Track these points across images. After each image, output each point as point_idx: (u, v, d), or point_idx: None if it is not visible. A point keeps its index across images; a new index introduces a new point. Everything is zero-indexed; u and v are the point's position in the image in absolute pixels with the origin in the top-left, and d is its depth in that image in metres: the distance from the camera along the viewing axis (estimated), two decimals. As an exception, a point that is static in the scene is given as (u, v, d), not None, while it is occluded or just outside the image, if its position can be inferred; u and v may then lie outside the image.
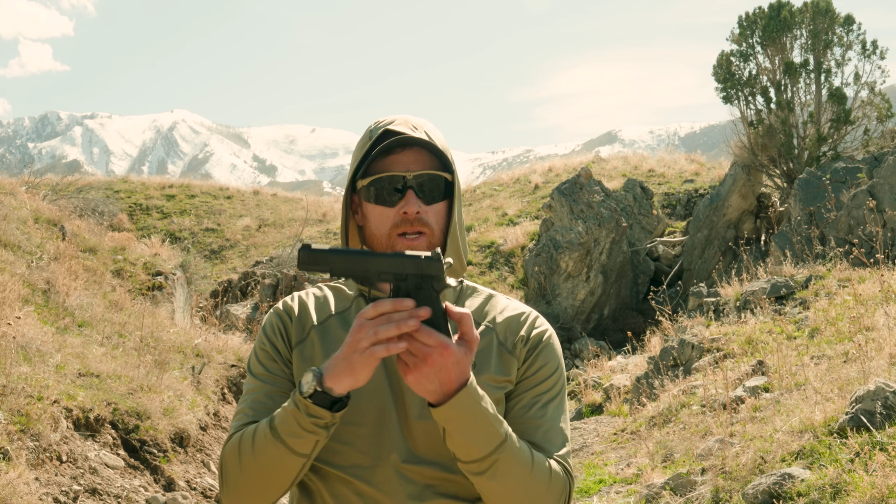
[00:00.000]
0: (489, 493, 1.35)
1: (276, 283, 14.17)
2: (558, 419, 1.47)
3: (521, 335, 1.51)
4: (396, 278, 1.26)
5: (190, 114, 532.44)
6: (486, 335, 1.50)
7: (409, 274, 1.26)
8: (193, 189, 22.12)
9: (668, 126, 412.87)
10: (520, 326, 1.52)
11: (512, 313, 1.54)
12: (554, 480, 1.37)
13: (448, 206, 1.50)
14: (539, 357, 1.50)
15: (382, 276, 1.27)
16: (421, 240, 1.46)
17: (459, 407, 1.27)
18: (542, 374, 1.49)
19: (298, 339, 1.52)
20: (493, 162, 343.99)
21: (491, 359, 1.49)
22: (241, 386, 7.84)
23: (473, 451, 1.31)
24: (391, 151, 1.48)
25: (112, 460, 4.93)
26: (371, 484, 1.41)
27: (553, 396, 1.48)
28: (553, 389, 1.49)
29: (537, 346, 1.51)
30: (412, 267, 1.25)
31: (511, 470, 1.33)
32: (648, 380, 7.63)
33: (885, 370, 4.61)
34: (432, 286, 1.26)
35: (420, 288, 1.25)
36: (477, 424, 1.29)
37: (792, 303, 7.89)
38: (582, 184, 13.76)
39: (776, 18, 13.87)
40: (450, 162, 1.50)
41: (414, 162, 1.47)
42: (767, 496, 3.73)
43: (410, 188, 1.45)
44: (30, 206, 9.68)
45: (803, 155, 13.77)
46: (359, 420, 1.43)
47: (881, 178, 10.04)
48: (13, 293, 6.20)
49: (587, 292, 12.93)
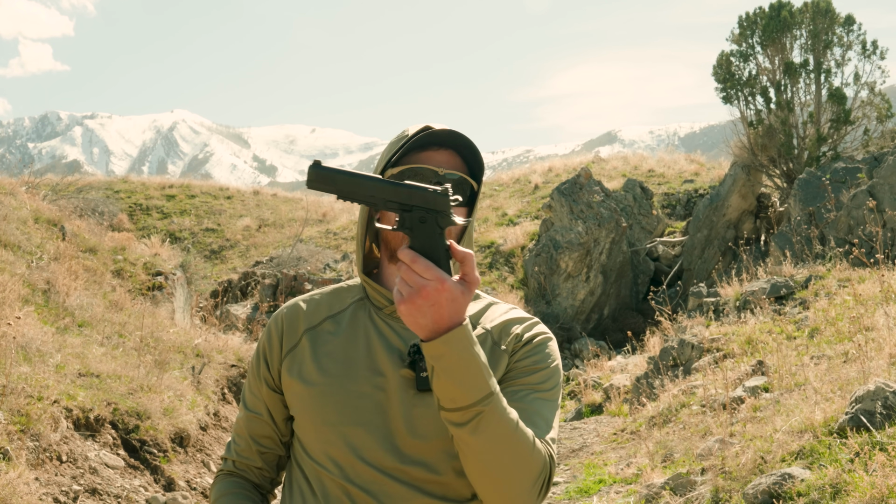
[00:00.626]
0: (469, 451, 1.31)
1: (276, 283, 14.17)
2: (546, 411, 1.43)
3: (516, 333, 1.51)
4: (402, 208, 1.24)
5: (190, 114, 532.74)
6: (482, 337, 1.50)
7: (415, 206, 1.24)
8: (193, 189, 22.12)
9: (668, 126, 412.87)
10: (516, 327, 1.52)
11: (510, 317, 1.55)
12: (536, 454, 1.33)
13: (468, 214, 1.52)
14: (532, 353, 1.49)
15: (388, 205, 1.25)
16: None
17: (451, 343, 1.24)
18: (533, 368, 1.47)
19: (289, 348, 1.54)
20: (493, 162, 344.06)
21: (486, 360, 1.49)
22: (241, 386, 7.84)
23: (459, 397, 1.27)
24: (426, 148, 1.50)
25: (112, 460, 4.93)
26: (358, 484, 1.42)
27: (544, 391, 1.46)
28: (544, 385, 1.46)
29: (530, 342, 1.50)
30: (419, 199, 1.23)
31: (494, 428, 1.28)
32: (648, 380, 7.63)
33: (884, 370, 4.61)
34: (437, 221, 1.24)
35: (425, 221, 1.23)
36: (466, 368, 1.25)
37: (792, 303, 7.89)
38: (582, 184, 13.76)
39: (776, 18, 13.88)
40: (480, 171, 1.52)
41: (446, 162, 1.50)
42: (767, 496, 3.73)
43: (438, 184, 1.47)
44: (30, 206, 9.68)
45: (803, 155, 13.78)
46: (346, 420, 1.44)
47: (881, 178, 10.04)
48: (13, 293, 6.20)
49: (587, 292, 12.93)
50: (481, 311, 1.56)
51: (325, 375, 1.48)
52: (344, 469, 1.44)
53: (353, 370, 1.47)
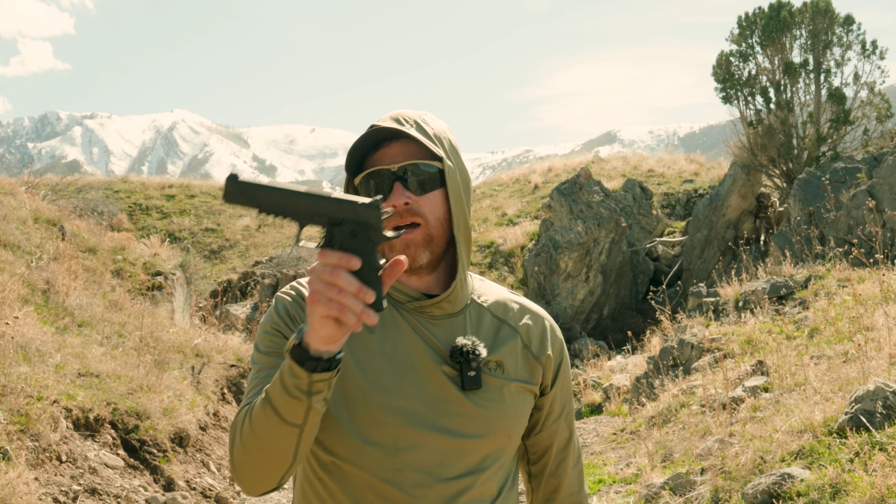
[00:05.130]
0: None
1: (275, 283, 14.17)
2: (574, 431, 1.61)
3: (549, 353, 1.54)
4: (331, 222, 1.16)
5: (190, 114, 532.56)
6: (511, 338, 1.50)
7: (344, 219, 1.16)
8: (193, 189, 22.12)
9: (668, 126, 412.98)
10: (545, 335, 1.55)
11: (531, 317, 1.55)
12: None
13: (445, 194, 1.46)
14: (562, 368, 1.57)
15: (316, 219, 1.17)
16: (416, 232, 1.41)
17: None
18: (567, 385, 1.59)
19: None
20: (493, 162, 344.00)
21: (518, 363, 1.49)
22: (240, 386, 7.84)
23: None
24: (380, 146, 1.46)
25: (112, 460, 4.93)
26: (399, 487, 1.38)
27: (570, 397, 1.60)
28: (570, 391, 1.61)
29: (561, 355, 1.57)
30: (349, 212, 1.16)
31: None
32: (648, 380, 7.64)
33: (884, 370, 4.61)
34: (368, 235, 1.16)
35: (355, 236, 1.16)
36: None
37: (791, 303, 7.88)
38: (581, 184, 13.76)
39: (776, 18, 13.88)
40: (444, 150, 1.46)
41: (401, 154, 1.44)
42: (767, 496, 3.73)
43: (396, 180, 1.42)
44: (29, 206, 9.67)
45: (803, 155, 13.78)
46: (386, 420, 1.39)
47: (881, 178, 10.04)
48: (13, 293, 6.20)
49: (587, 292, 12.93)
50: (502, 304, 1.55)
51: (362, 370, 1.42)
52: (382, 469, 1.38)
53: (393, 366, 1.42)
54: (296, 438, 1.27)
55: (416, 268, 1.43)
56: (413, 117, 1.48)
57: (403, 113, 1.49)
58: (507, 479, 1.49)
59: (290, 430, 1.26)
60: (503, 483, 1.47)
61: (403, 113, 1.49)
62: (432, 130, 1.47)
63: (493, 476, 1.44)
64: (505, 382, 1.46)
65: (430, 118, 1.50)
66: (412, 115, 1.48)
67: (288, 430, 1.26)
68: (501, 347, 1.48)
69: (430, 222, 1.43)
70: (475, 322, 1.49)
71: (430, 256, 1.44)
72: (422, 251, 1.42)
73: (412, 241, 1.42)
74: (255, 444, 1.30)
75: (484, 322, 1.50)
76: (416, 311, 1.46)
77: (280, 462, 1.30)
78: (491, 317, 1.51)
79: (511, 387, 1.46)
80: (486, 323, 1.50)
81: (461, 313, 1.48)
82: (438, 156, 1.45)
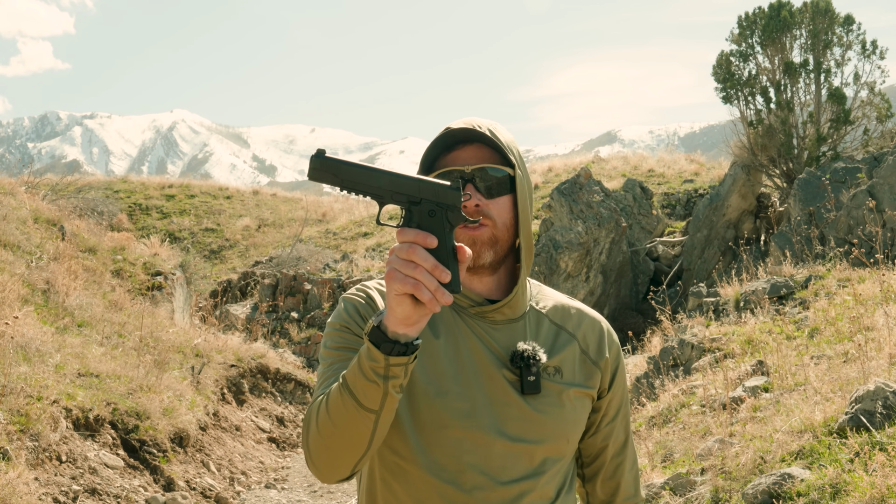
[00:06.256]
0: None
1: (275, 283, 14.16)
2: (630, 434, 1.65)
3: (606, 357, 1.57)
4: (410, 201, 1.18)
5: (189, 114, 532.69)
6: (569, 344, 1.53)
7: (423, 198, 1.18)
8: (193, 189, 22.13)
9: (668, 126, 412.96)
10: (602, 340, 1.57)
11: (588, 323, 1.58)
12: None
13: (514, 202, 1.49)
14: (619, 371, 1.60)
15: (395, 197, 1.18)
16: (484, 230, 1.45)
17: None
18: (623, 388, 1.61)
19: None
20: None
21: (575, 369, 1.51)
22: (240, 386, 7.84)
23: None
24: (453, 148, 1.49)
25: (111, 460, 4.92)
26: (461, 489, 1.40)
27: (627, 400, 1.64)
28: (627, 394, 1.64)
29: (618, 359, 1.59)
30: (429, 192, 1.18)
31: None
32: (648, 379, 7.63)
33: (884, 370, 4.60)
34: (447, 216, 1.18)
35: (433, 216, 1.17)
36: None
37: (792, 303, 7.88)
38: (581, 184, 13.76)
39: (776, 18, 13.87)
40: (514, 158, 1.49)
41: (473, 157, 1.48)
42: (767, 496, 3.73)
43: (469, 181, 1.46)
44: (29, 206, 9.67)
45: (803, 155, 13.78)
46: (448, 422, 1.41)
47: (881, 178, 10.04)
48: (13, 293, 6.20)
49: (587, 292, 12.93)
50: (561, 309, 1.57)
51: (426, 373, 1.43)
52: (445, 471, 1.40)
53: (456, 370, 1.44)
54: (372, 425, 1.28)
55: (478, 266, 1.46)
56: (486, 124, 1.51)
57: (476, 120, 1.52)
58: (564, 483, 1.51)
59: (367, 416, 1.27)
60: (561, 486, 1.50)
61: (476, 120, 1.52)
62: (504, 138, 1.50)
63: (551, 480, 1.47)
64: (563, 388, 1.48)
65: (502, 128, 1.53)
66: (484, 122, 1.52)
67: (364, 416, 1.27)
68: (560, 353, 1.51)
69: (498, 225, 1.46)
70: (534, 328, 1.52)
71: (493, 257, 1.46)
72: (486, 250, 1.45)
73: (478, 238, 1.45)
74: (331, 430, 1.30)
75: (542, 328, 1.53)
76: (477, 317, 1.49)
77: (355, 449, 1.31)
78: (549, 323, 1.54)
79: (570, 392, 1.49)
80: (545, 329, 1.53)
81: (521, 319, 1.51)
82: (511, 162, 1.49)
